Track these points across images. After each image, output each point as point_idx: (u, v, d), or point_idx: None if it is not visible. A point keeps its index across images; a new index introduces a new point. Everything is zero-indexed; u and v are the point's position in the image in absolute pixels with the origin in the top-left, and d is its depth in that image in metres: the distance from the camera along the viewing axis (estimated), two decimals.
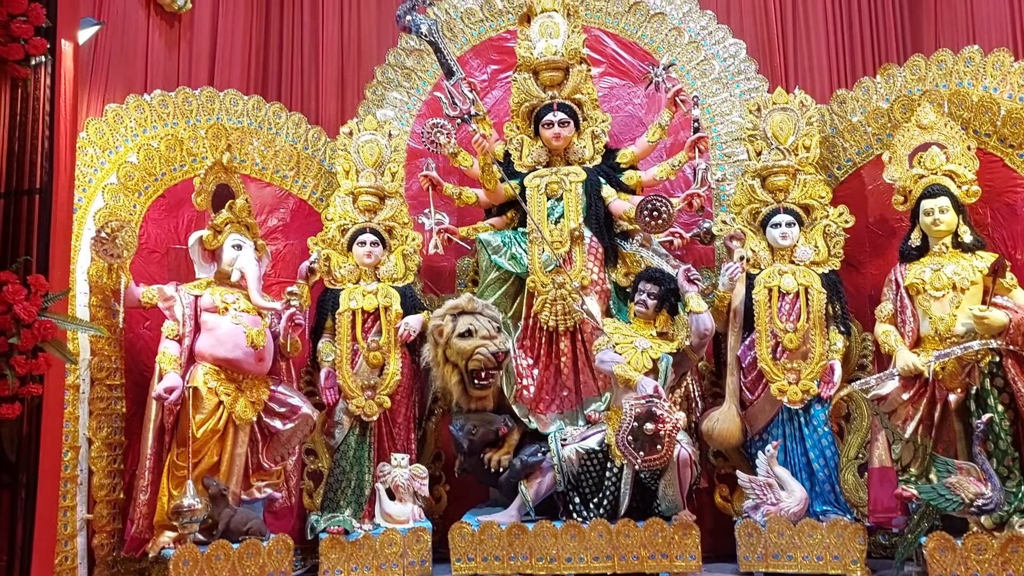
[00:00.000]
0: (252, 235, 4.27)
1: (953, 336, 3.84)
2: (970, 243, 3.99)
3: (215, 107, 4.68)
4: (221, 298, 4.09)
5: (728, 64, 5.11)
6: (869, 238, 4.56)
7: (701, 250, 4.89)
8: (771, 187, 4.44)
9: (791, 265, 4.33)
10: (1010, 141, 4.07)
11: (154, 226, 4.37)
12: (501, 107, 5.10)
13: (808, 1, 5.64)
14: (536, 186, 4.60)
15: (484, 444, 4.29)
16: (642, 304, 4.28)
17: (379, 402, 4.34)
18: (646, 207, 4.29)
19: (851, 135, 4.61)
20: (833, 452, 4.20)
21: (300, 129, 5.01)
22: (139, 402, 4.11)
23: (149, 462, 3.94)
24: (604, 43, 5.22)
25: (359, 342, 4.37)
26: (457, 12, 5.32)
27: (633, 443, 3.86)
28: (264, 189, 4.82)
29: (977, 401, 3.75)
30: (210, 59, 5.28)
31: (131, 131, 4.34)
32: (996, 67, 4.14)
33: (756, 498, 4.04)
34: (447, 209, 4.77)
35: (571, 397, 4.49)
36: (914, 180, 4.10)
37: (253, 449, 4.11)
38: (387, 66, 5.35)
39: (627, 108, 5.18)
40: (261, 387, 4.12)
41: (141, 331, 4.26)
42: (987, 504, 3.49)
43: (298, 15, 5.88)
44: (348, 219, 4.59)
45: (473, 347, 4.14)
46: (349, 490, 4.31)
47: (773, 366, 4.22)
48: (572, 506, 4.08)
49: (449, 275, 5.12)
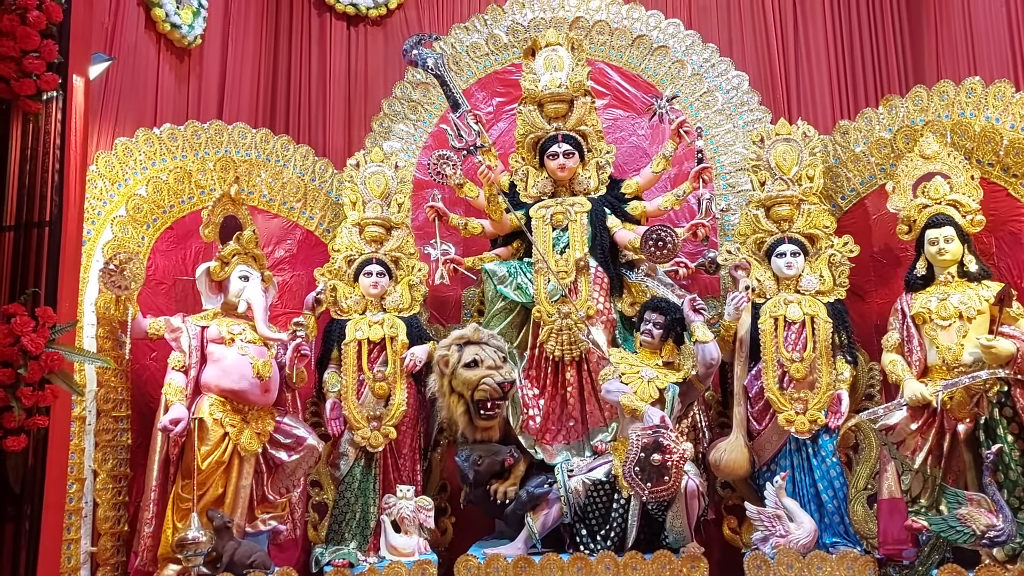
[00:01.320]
0: (259, 266, 4.29)
1: (961, 366, 3.82)
2: (976, 272, 3.98)
3: (223, 140, 4.73)
4: (228, 329, 4.09)
5: (731, 96, 5.16)
6: (874, 267, 4.56)
7: (706, 280, 4.90)
8: (775, 217, 4.45)
9: (797, 295, 4.33)
10: (1013, 171, 4.09)
11: (162, 258, 4.39)
12: (506, 139, 5.15)
13: (810, 33, 5.72)
14: (541, 216, 4.62)
15: (490, 475, 4.27)
16: (648, 334, 4.27)
17: (385, 433, 4.33)
18: (651, 237, 4.30)
19: (854, 165, 4.63)
20: (842, 483, 4.17)
21: (307, 161, 5.06)
22: (145, 433, 4.10)
23: (154, 494, 3.92)
24: (608, 75, 5.28)
25: (365, 373, 4.37)
26: (463, 46, 5.39)
27: (640, 474, 3.83)
28: (271, 220, 4.85)
29: (986, 431, 3.72)
30: (219, 93, 5.34)
31: (140, 164, 4.38)
32: (997, 98, 4.17)
33: (765, 530, 4.00)
34: (453, 239, 4.79)
35: (577, 427, 4.47)
36: (918, 210, 4.11)
37: (258, 481, 4.08)
38: (394, 99, 5.41)
39: (631, 139, 5.22)
40: (266, 418, 4.11)
41: (147, 362, 4.26)
42: (999, 536, 3.44)
43: (306, 49, 5.97)
44: (354, 250, 4.62)
45: (479, 377, 4.13)
46: (354, 522, 4.29)
47: (780, 396, 4.20)
48: (579, 538, 4.05)
49: (455, 305, 5.13)
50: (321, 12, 5.99)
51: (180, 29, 4.86)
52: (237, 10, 5.56)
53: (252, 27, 5.71)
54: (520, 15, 5.40)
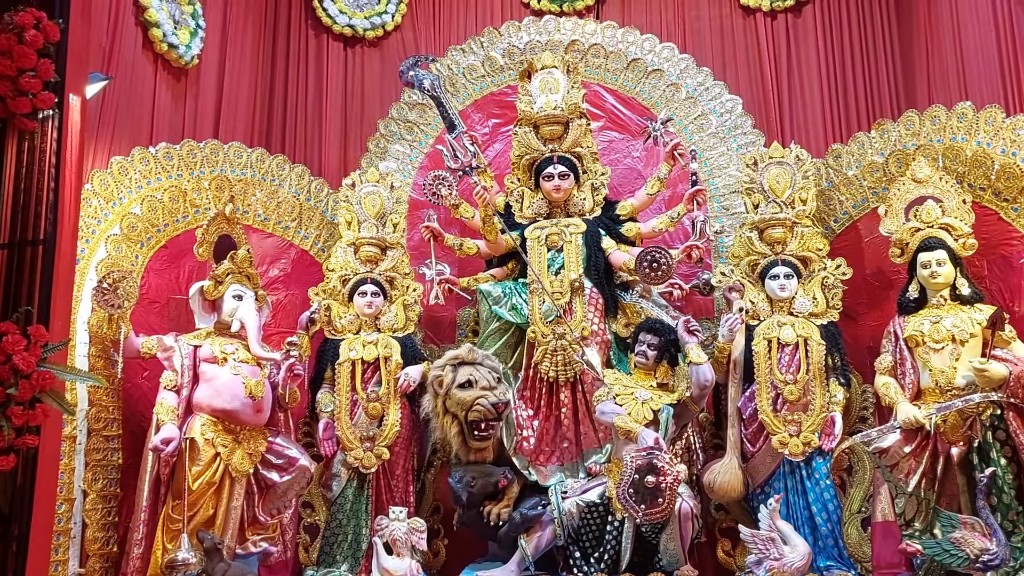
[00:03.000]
0: (253, 285, 4.28)
1: (954, 388, 3.83)
2: (968, 295, 4.00)
3: (219, 159, 4.75)
4: (220, 348, 4.08)
5: (725, 119, 5.20)
6: (866, 290, 4.58)
7: (701, 301, 4.91)
8: (769, 239, 4.47)
9: (790, 317, 4.34)
10: (1004, 195, 4.11)
11: (155, 276, 4.39)
12: (502, 160, 5.17)
13: (803, 57, 5.78)
14: (537, 237, 4.63)
15: (483, 496, 4.24)
16: (642, 355, 4.27)
17: (378, 454, 4.31)
18: (646, 258, 4.31)
19: (847, 188, 4.67)
20: (836, 506, 4.16)
21: (303, 181, 5.08)
22: (136, 453, 4.07)
23: (144, 515, 3.89)
24: (603, 98, 5.32)
25: (358, 393, 4.36)
26: (459, 68, 5.43)
27: (634, 496, 3.82)
28: (266, 240, 4.86)
29: (980, 454, 3.72)
30: (215, 112, 5.36)
31: (135, 183, 4.38)
32: (988, 123, 4.21)
33: (759, 553, 3.97)
34: (448, 260, 4.80)
35: (571, 449, 4.45)
36: (911, 233, 4.13)
37: (249, 502, 4.05)
38: (390, 119, 5.43)
39: (626, 161, 5.25)
40: (258, 438, 4.09)
41: (139, 381, 4.24)
42: (992, 560, 3.43)
43: (303, 70, 6.00)
44: (349, 269, 4.62)
45: (473, 398, 4.12)
46: (346, 544, 4.26)
47: (774, 418, 4.20)
48: (572, 561, 4.02)
49: (449, 325, 5.13)
50: (318, 33, 6.02)
51: (177, 49, 4.88)
52: (234, 31, 5.59)
53: (249, 47, 5.74)
54: (516, 38, 5.44)
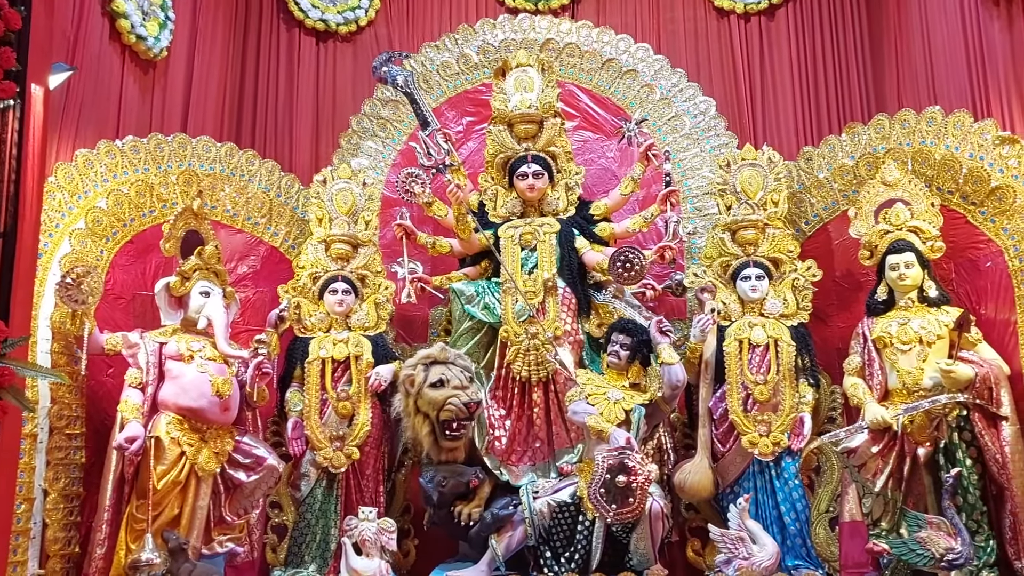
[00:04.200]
0: (221, 282, 4.22)
1: (921, 390, 3.88)
2: (935, 298, 4.05)
3: (187, 153, 4.68)
4: (187, 346, 4.02)
5: (698, 120, 5.22)
6: (836, 292, 4.62)
7: (673, 302, 4.92)
8: (741, 241, 4.50)
9: (761, 318, 4.37)
10: (972, 199, 4.17)
11: (121, 272, 4.31)
12: (476, 158, 5.15)
13: (775, 61, 5.83)
14: (510, 236, 4.62)
15: (454, 496, 4.22)
16: (615, 355, 4.27)
17: (348, 453, 4.27)
18: (619, 259, 4.32)
19: (818, 191, 4.71)
20: (804, 505, 4.19)
21: (273, 176, 5.02)
22: (99, 452, 4.00)
23: (107, 514, 3.82)
24: (578, 98, 5.31)
25: (328, 392, 4.32)
26: (433, 65, 5.39)
27: (605, 496, 3.82)
28: (235, 236, 4.79)
29: (946, 455, 3.77)
30: (184, 106, 5.28)
31: (101, 176, 4.30)
32: (957, 127, 4.27)
33: (728, 552, 3.99)
34: (421, 258, 4.77)
35: (543, 449, 4.44)
36: (880, 235, 4.18)
37: (215, 501, 4.00)
38: (362, 116, 5.39)
39: (600, 161, 5.25)
40: (225, 437, 4.03)
41: (103, 379, 4.16)
42: (957, 559, 3.48)
43: (274, 64, 5.94)
44: (320, 267, 4.57)
45: (445, 397, 4.09)
46: (314, 544, 4.22)
47: (744, 418, 4.22)
48: (543, 560, 4.01)
49: (422, 324, 5.10)
50: (290, 27, 5.96)
51: (146, 41, 4.79)
52: (204, 23, 5.50)
53: (219, 40, 5.66)
54: (491, 35, 5.42)
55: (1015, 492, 3.69)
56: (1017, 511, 3.69)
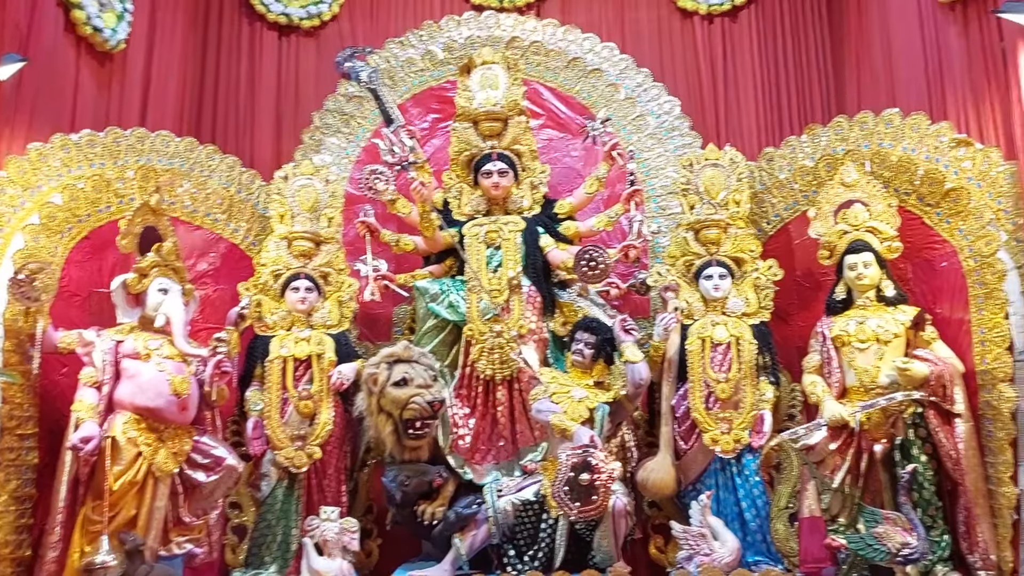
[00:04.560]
0: (179, 279, 4.15)
1: (877, 387, 3.94)
2: (892, 297, 4.12)
3: (145, 148, 4.58)
4: (144, 344, 3.95)
5: (662, 120, 5.25)
6: (797, 291, 4.68)
7: (637, 300, 4.94)
8: (704, 240, 4.54)
9: (723, 316, 4.41)
10: (928, 200, 4.24)
11: (76, 269, 4.21)
12: (441, 155, 5.12)
13: (738, 62, 5.89)
14: (475, 234, 4.60)
15: (418, 496, 4.20)
16: (579, 353, 4.28)
17: (309, 453, 4.23)
18: (584, 257, 4.33)
19: (779, 191, 4.76)
20: (764, 502, 4.24)
21: (234, 172, 4.94)
22: (52, 452, 3.90)
23: (61, 516, 3.74)
24: (543, 96, 5.32)
25: (290, 391, 4.27)
26: (398, 61, 5.36)
27: (569, 494, 3.82)
28: (194, 232, 4.71)
29: (902, 451, 3.83)
30: (142, 99, 5.17)
31: (55, 171, 4.20)
32: (914, 129, 4.33)
33: (690, 548, 4.03)
34: (385, 256, 4.72)
35: (507, 447, 4.44)
36: (838, 236, 4.23)
37: (173, 502, 3.93)
38: (325, 111, 5.33)
39: (565, 160, 5.25)
40: (184, 437, 3.97)
41: (58, 378, 4.06)
42: (912, 554, 3.54)
43: (235, 58, 5.85)
44: (281, 264, 4.51)
45: (408, 396, 4.06)
46: (275, 545, 4.18)
47: (706, 416, 4.26)
48: (507, 559, 4.01)
49: (385, 323, 5.06)
50: (252, 21, 5.87)
51: (102, 32, 4.69)
52: (164, 15, 5.40)
53: (179, 33, 5.56)
54: (456, 32, 5.39)
55: (968, 488, 3.76)
56: (971, 506, 3.76)
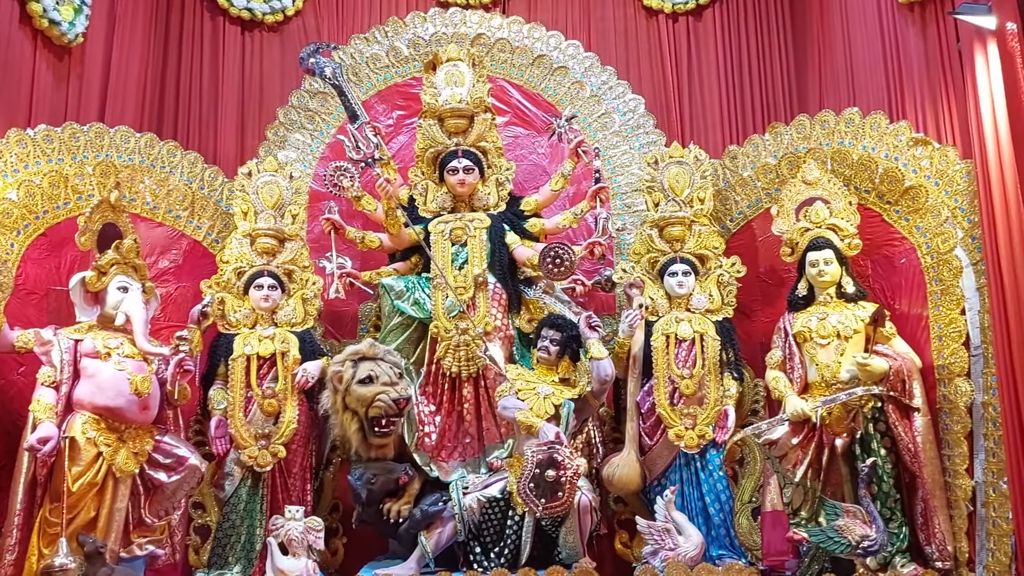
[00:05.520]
0: (140, 277, 4.09)
1: (838, 382, 4.00)
2: (852, 293, 4.18)
3: (104, 144, 4.51)
4: (103, 343, 3.88)
5: (627, 118, 5.28)
6: (760, 287, 4.73)
7: (602, 297, 4.97)
8: (668, 237, 4.57)
9: (687, 313, 4.45)
10: (887, 198, 4.32)
11: (33, 266, 4.13)
12: (406, 152, 5.10)
13: (702, 61, 5.93)
14: (441, 231, 4.59)
15: (384, 494, 4.19)
16: (545, 350, 4.30)
17: (273, 452, 4.20)
18: (549, 254, 4.34)
19: (742, 189, 4.81)
20: (728, 496, 4.29)
21: (196, 168, 4.88)
22: (9, 453, 3.83)
23: (18, 519, 3.67)
24: (509, 93, 5.31)
25: (253, 389, 4.23)
26: (362, 57, 5.32)
27: (535, 490, 3.84)
28: (155, 229, 4.65)
29: (862, 445, 3.90)
30: (101, 94, 5.06)
31: (11, 166, 4.11)
32: (873, 128, 4.41)
33: (655, 544, 4.06)
34: (350, 253, 4.69)
35: (473, 444, 4.44)
36: (800, 233, 4.29)
37: (135, 503, 3.88)
38: (289, 107, 5.28)
39: (531, 157, 5.26)
40: (145, 437, 3.91)
41: (14, 378, 3.99)
42: (872, 545, 3.60)
43: (197, 53, 5.75)
44: (245, 261, 4.47)
45: (373, 394, 4.04)
46: (239, 545, 4.14)
47: (671, 412, 4.30)
48: (473, 556, 4.01)
49: (351, 320, 5.03)
50: (214, 15, 5.78)
51: (60, 26, 4.59)
52: (123, 9, 5.29)
53: (140, 27, 5.45)
54: (421, 29, 5.37)
55: (926, 480, 3.84)
56: (928, 498, 3.84)
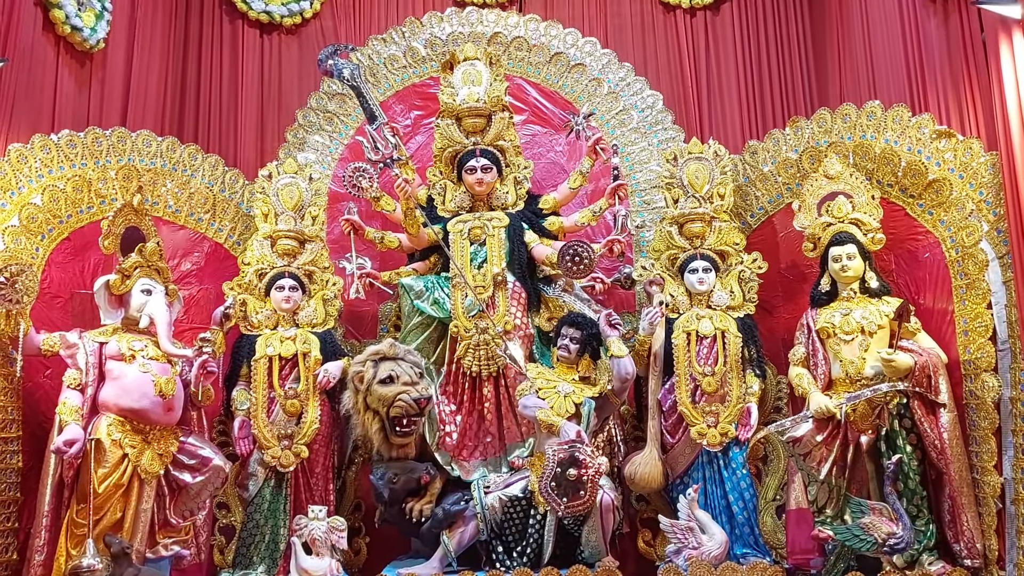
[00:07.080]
0: (163, 279, 4.13)
1: (863, 379, 3.96)
2: (876, 288, 4.14)
3: (126, 148, 4.56)
4: (128, 345, 3.92)
5: (646, 114, 5.26)
6: (781, 283, 4.69)
7: (622, 295, 4.96)
8: (688, 234, 4.54)
9: (708, 310, 4.42)
10: (910, 191, 4.27)
11: (58, 270, 4.18)
12: (424, 152, 5.11)
13: (721, 56, 5.90)
14: (459, 231, 4.60)
15: (405, 493, 4.20)
16: (565, 349, 4.29)
17: (296, 452, 4.22)
18: (568, 252, 4.33)
19: (763, 184, 4.77)
20: (752, 494, 4.26)
21: (217, 171, 4.92)
22: (37, 456, 3.88)
23: (46, 520, 3.72)
24: (526, 91, 5.31)
25: (276, 390, 4.26)
26: (380, 58, 5.34)
27: (556, 489, 3.83)
28: (178, 232, 4.69)
29: (887, 442, 3.86)
30: (123, 99, 5.13)
31: (36, 172, 4.17)
32: (896, 121, 4.36)
33: (678, 542, 4.04)
34: (369, 253, 4.72)
35: (494, 443, 4.44)
36: (822, 228, 4.25)
37: (160, 504, 3.91)
38: (308, 109, 5.31)
39: (549, 155, 5.26)
40: (169, 438, 3.95)
41: (41, 380, 4.04)
42: (899, 543, 3.57)
43: (217, 56, 5.81)
44: (266, 263, 4.50)
45: (395, 393, 4.06)
46: (263, 545, 4.17)
47: (692, 409, 4.27)
48: (495, 555, 4.02)
49: (371, 320, 5.05)
50: (233, 19, 5.84)
51: (82, 32, 4.66)
52: (144, 14, 5.36)
53: (159, 32, 5.52)
54: (438, 29, 5.38)
55: (953, 477, 3.79)
56: (955, 495, 3.79)
